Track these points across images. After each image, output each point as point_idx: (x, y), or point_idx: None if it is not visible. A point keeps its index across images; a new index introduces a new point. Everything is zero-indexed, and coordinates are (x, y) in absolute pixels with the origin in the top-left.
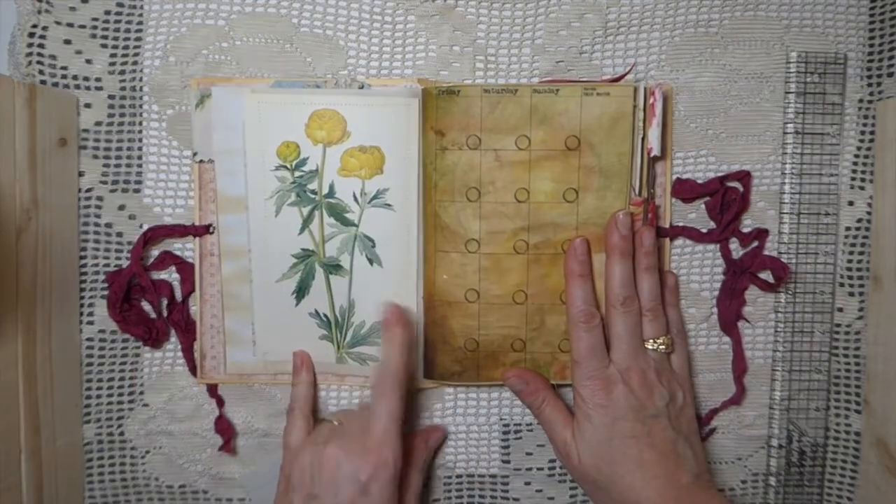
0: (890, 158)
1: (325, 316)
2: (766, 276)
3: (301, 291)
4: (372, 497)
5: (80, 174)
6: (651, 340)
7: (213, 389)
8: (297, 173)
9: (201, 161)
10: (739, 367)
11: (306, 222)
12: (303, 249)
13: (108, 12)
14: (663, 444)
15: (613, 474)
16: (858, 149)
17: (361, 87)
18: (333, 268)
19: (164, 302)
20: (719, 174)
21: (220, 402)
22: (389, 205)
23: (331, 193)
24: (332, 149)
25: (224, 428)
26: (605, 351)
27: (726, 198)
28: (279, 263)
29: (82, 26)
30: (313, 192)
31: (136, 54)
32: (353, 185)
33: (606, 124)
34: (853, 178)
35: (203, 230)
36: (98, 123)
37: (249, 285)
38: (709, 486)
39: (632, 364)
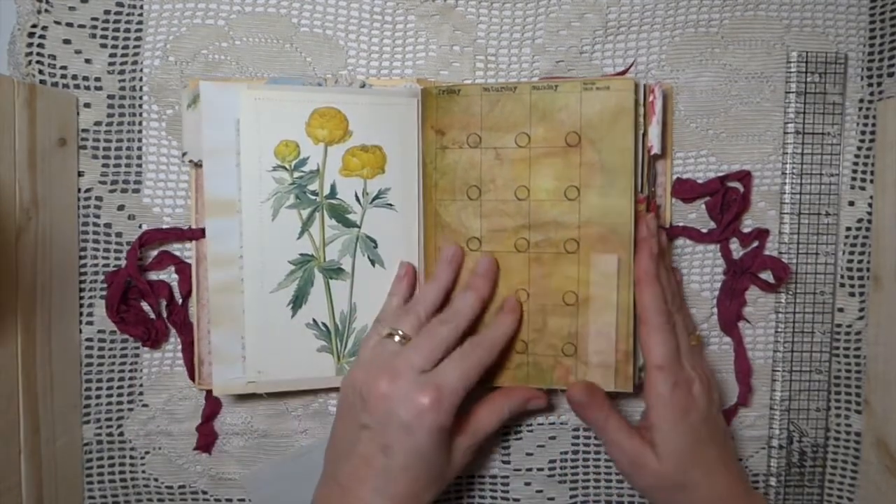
0: (890, 158)
1: (324, 325)
2: (767, 276)
3: (298, 301)
4: (417, 436)
5: (80, 174)
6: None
7: (210, 393)
8: (296, 174)
9: (192, 162)
10: (743, 367)
11: (306, 225)
12: (301, 255)
13: (107, 12)
14: (723, 438)
15: (694, 475)
16: (859, 149)
17: (363, 86)
18: (334, 272)
19: (164, 302)
20: (719, 174)
21: (213, 409)
22: (391, 205)
23: (332, 194)
24: (334, 148)
25: (206, 432)
26: (680, 352)
27: (727, 198)
28: (274, 271)
29: (82, 26)
30: (314, 193)
31: (136, 54)
32: (354, 185)
33: (607, 119)
34: (854, 179)
35: (199, 234)
36: (98, 123)
37: (240, 296)
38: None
39: (694, 361)
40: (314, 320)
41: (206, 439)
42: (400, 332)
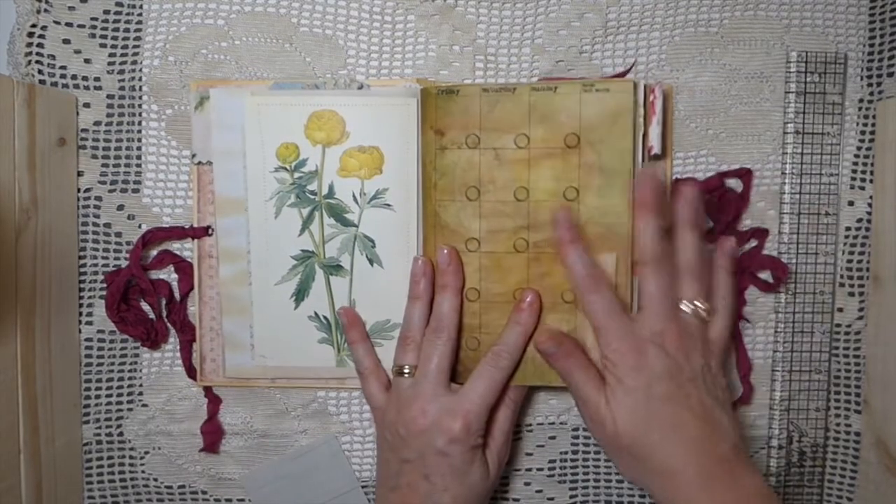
0: (890, 158)
1: (325, 318)
2: (766, 276)
3: (300, 293)
4: (452, 458)
5: (80, 174)
6: (685, 302)
7: (210, 390)
8: (296, 174)
9: (199, 163)
10: (744, 366)
11: (306, 223)
12: (302, 251)
13: (107, 12)
14: (700, 409)
15: (649, 441)
16: (858, 149)
17: (360, 88)
18: (334, 269)
19: (163, 302)
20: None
21: (215, 407)
22: (389, 205)
23: (330, 194)
24: (332, 149)
25: (212, 430)
26: (625, 312)
27: (726, 197)
28: (278, 266)
29: (81, 26)
30: (313, 192)
31: (136, 54)
32: (352, 185)
33: (606, 121)
34: (853, 178)
35: (202, 232)
36: (97, 123)
37: (248, 288)
38: (746, 458)
39: (666, 326)
40: (316, 313)
41: (213, 437)
42: (406, 367)
